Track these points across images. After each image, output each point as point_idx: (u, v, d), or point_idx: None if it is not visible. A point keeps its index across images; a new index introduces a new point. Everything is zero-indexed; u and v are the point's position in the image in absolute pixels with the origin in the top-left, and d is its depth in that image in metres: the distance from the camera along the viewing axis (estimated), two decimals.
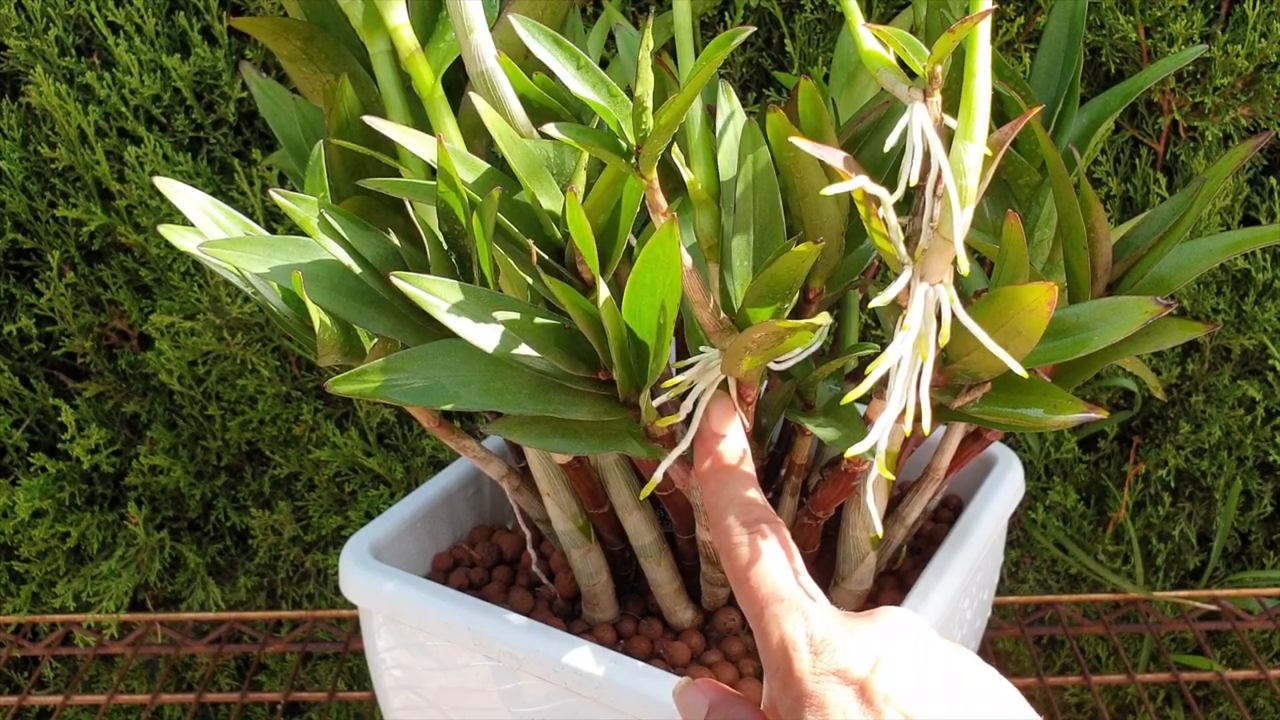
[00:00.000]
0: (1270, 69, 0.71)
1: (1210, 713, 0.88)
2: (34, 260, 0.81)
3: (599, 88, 0.37)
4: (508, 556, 0.61)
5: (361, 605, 0.54)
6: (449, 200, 0.39)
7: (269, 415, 0.82)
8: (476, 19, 0.40)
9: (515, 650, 0.48)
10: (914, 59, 0.34)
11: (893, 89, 0.35)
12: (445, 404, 0.38)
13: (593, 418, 0.40)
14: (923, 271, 0.35)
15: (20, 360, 0.83)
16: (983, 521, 0.55)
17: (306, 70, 0.49)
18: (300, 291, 0.39)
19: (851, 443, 0.38)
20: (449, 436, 0.50)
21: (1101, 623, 0.81)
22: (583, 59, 0.37)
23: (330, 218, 0.40)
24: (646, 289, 0.37)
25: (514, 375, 0.39)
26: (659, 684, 0.45)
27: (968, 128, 0.33)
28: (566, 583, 0.56)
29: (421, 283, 0.37)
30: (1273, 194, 0.75)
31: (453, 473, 0.63)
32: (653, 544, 0.52)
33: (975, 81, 0.33)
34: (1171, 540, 0.84)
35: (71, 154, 0.76)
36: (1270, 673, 0.75)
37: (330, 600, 0.88)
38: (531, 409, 0.39)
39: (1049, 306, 0.35)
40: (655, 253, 0.36)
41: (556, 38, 0.37)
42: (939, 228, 0.35)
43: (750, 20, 0.72)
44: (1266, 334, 0.77)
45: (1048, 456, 0.82)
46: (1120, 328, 0.39)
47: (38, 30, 0.74)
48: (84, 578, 0.84)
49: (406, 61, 0.42)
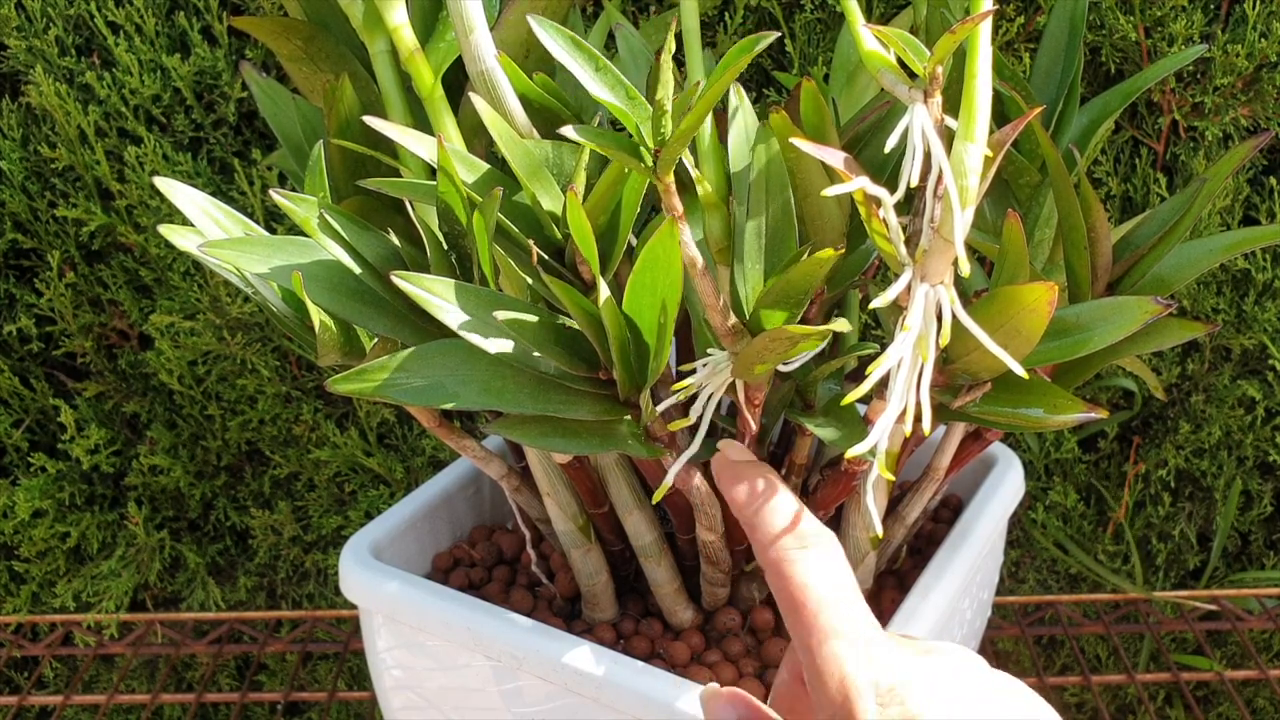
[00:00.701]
0: (1270, 69, 0.71)
1: (1210, 713, 0.88)
2: (34, 260, 0.81)
3: (617, 90, 0.37)
4: (508, 556, 0.61)
5: (362, 605, 0.54)
6: (449, 200, 0.40)
7: (269, 415, 0.82)
8: (477, 19, 0.40)
9: (515, 650, 0.48)
10: (914, 59, 0.34)
11: (893, 90, 0.35)
12: (445, 403, 0.38)
13: (593, 417, 0.40)
14: (923, 272, 0.35)
15: (20, 360, 0.83)
16: (983, 521, 0.55)
17: (307, 70, 0.49)
18: (300, 292, 0.39)
19: (852, 443, 0.38)
20: (449, 436, 0.50)
21: (1101, 623, 0.81)
22: (601, 60, 0.37)
23: (330, 218, 0.40)
24: (647, 288, 0.37)
25: (514, 375, 0.39)
26: (659, 684, 0.45)
27: (969, 128, 0.33)
28: (566, 582, 0.56)
29: (422, 282, 0.37)
30: (1273, 194, 0.75)
31: (452, 473, 0.63)
32: (653, 544, 0.52)
33: (976, 82, 0.33)
34: (1171, 540, 0.84)
35: (71, 154, 0.76)
36: (1270, 673, 0.75)
37: (330, 600, 0.88)
38: (532, 408, 0.39)
39: (1049, 306, 0.35)
40: (656, 252, 0.36)
41: (574, 38, 0.37)
42: (940, 228, 0.34)
43: (750, 20, 0.72)
44: (1266, 334, 0.77)
45: (1048, 456, 0.82)
46: (1121, 327, 0.39)
47: (38, 30, 0.74)
48: (84, 578, 0.84)
49: (406, 61, 0.42)
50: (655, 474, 0.49)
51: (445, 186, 0.39)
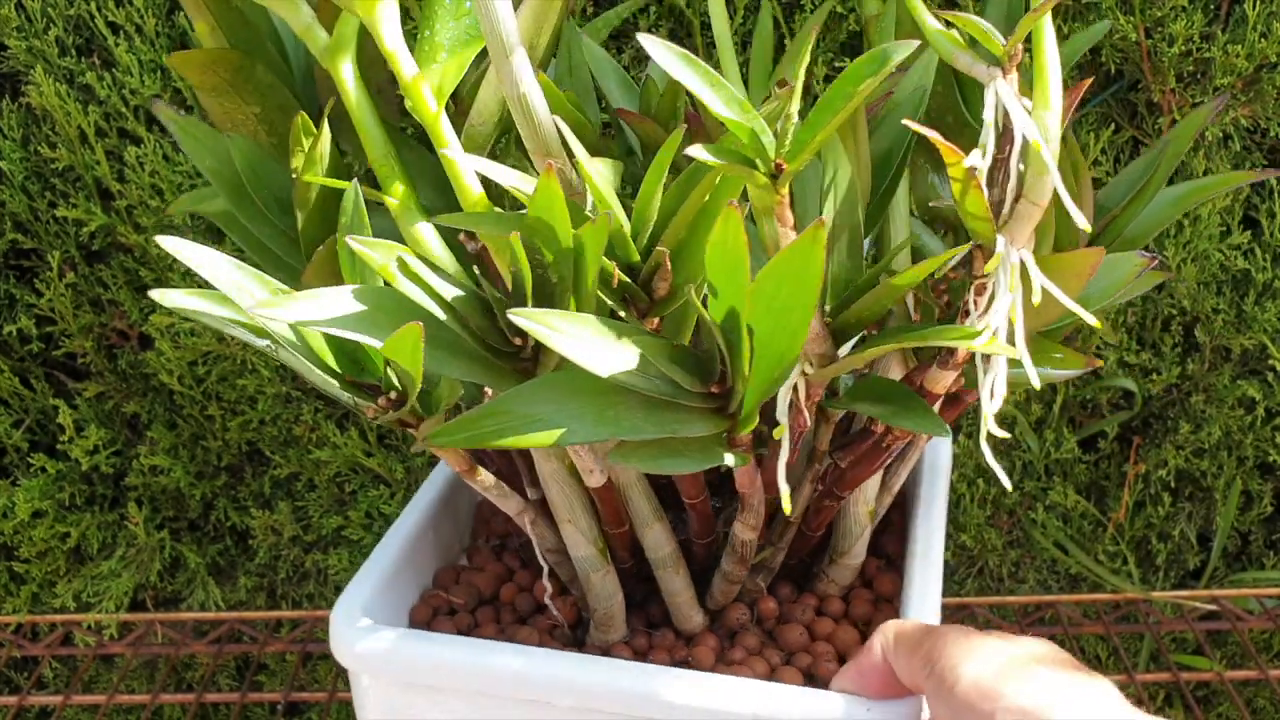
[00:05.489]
0: (1270, 69, 0.71)
1: (1210, 713, 0.88)
2: (34, 260, 0.81)
3: (731, 105, 0.37)
4: (487, 595, 0.58)
5: (400, 679, 0.49)
6: (554, 225, 0.38)
7: (269, 415, 0.82)
8: (514, 41, 0.40)
9: (592, 690, 0.46)
10: (989, 39, 0.37)
11: (970, 69, 0.37)
12: (560, 440, 0.37)
13: (706, 432, 0.40)
14: (1010, 237, 0.38)
15: (20, 360, 0.83)
16: (939, 479, 0.60)
17: (230, 103, 0.47)
18: (415, 351, 0.37)
19: (926, 425, 0.41)
20: (473, 478, 0.49)
21: (1102, 623, 0.81)
22: (714, 76, 0.37)
23: (409, 260, 0.39)
24: (781, 298, 0.37)
25: (623, 401, 0.39)
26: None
27: (1045, 96, 0.36)
28: (568, 609, 0.56)
29: (541, 318, 0.37)
30: (1273, 194, 0.75)
31: (411, 519, 0.59)
32: (671, 554, 0.52)
33: (1045, 56, 0.36)
34: (1171, 540, 0.84)
35: (71, 154, 0.76)
36: (1270, 673, 0.75)
37: (330, 600, 0.88)
38: (651, 432, 0.38)
39: (1091, 270, 0.39)
40: (793, 264, 0.36)
41: (688, 56, 0.37)
42: (1027, 194, 0.37)
43: (751, 20, 0.72)
44: (1266, 334, 0.77)
45: (1048, 456, 0.82)
46: (1116, 284, 0.42)
47: (38, 30, 0.74)
48: (84, 578, 0.84)
49: (408, 88, 0.41)
50: (693, 486, 0.50)
51: (550, 211, 0.38)
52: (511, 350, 0.41)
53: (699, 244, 0.40)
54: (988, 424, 0.41)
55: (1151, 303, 0.79)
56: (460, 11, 0.42)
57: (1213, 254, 0.76)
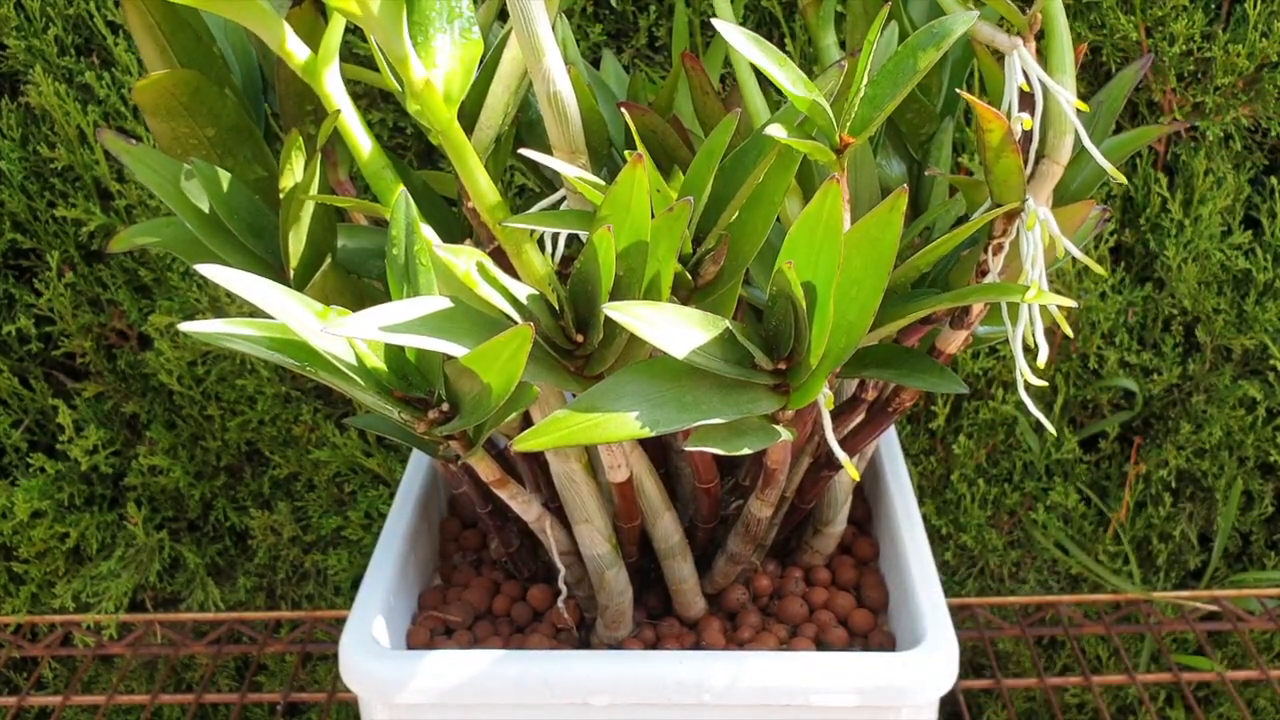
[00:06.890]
0: (1271, 68, 0.71)
1: (1211, 713, 0.88)
2: (33, 260, 0.81)
3: (799, 83, 0.39)
4: (481, 609, 0.58)
5: (403, 703, 0.47)
6: (633, 215, 0.39)
7: (268, 415, 0.82)
8: (548, 43, 0.40)
9: (640, 685, 0.47)
10: (1012, 12, 0.41)
11: (992, 38, 0.41)
12: (646, 431, 0.38)
13: (770, 410, 0.40)
14: (1034, 194, 0.42)
15: (20, 360, 0.82)
16: (893, 443, 0.64)
17: (185, 127, 0.46)
18: (516, 357, 0.37)
19: (944, 385, 0.45)
20: (504, 489, 0.49)
21: (1102, 623, 0.81)
22: (782, 56, 0.40)
23: (488, 265, 0.39)
24: (853, 269, 0.39)
25: (697, 387, 0.39)
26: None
27: (1061, 61, 0.41)
28: (573, 609, 0.56)
29: (631, 310, 0.37)
30: (1273, 193, 0.75)
31: (395, 537, 0.58)
32: (679, 543, 0.53)
33: (1056, 24, 0.41)
34: (1172, 540, 0.84)
35: (71, 154, 0.76)
36: (1271, 673, 0.75)
37: (330, 600, 0.88)
38: (728, 414, 0.39)
39: (1082, 220, 0.43)
40: (871, 233, 0.38)
41: (761, 41, 0.40)
42: (1049, 154, 0.42)
43: (750, 20, 0.72)
44: (1267, 334, 0.77)
45: (1048, 457, 0.82)
46: (1081, 233, 0.46)
47: (37, 30, 0.74)
48: (83, 578, 0.84)
49: (419, 95, 0.40)
50: (709, 469, 0.51)
51: (630, 203, 0.38)
52: (570, 348, 0.42)
53: (752, 226, 0.42)
54: (1026, 374, 0.44)
55: (1152, 302, 0.79)
56: (453, 15, 0.42)
57: (1213, 253, 0.76)
